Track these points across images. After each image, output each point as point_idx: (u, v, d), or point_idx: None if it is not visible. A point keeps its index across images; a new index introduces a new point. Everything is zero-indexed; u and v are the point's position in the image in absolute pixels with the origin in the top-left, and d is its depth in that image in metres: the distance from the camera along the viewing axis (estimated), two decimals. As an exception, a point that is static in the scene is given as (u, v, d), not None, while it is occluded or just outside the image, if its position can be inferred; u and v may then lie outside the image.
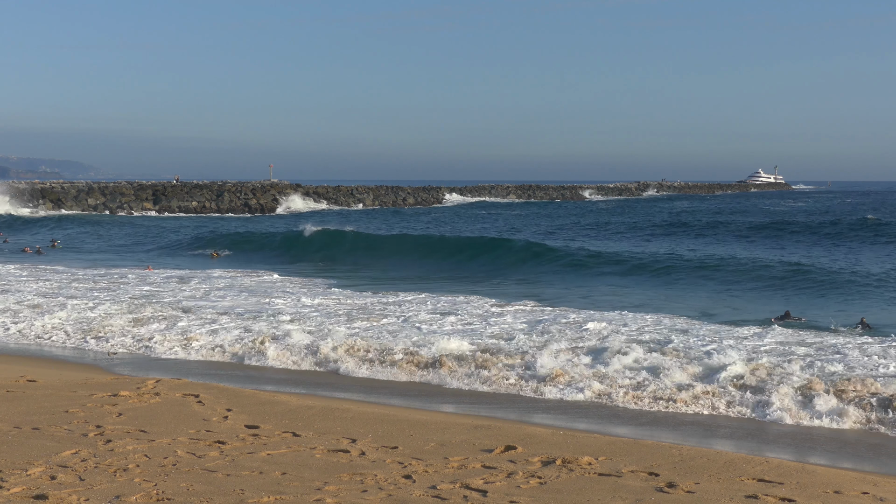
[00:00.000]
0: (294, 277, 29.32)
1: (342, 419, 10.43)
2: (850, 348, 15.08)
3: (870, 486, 8.23)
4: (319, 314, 19.66)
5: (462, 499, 7.41)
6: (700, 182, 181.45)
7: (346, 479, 7.89)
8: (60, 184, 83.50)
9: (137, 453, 8.57)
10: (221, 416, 10.37)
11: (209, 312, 19.92)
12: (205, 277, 28.24)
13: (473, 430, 10.01)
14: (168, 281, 27.11)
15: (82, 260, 36.35)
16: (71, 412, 10.39)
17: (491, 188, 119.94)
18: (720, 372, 13.26)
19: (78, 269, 31.13)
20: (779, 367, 13.44)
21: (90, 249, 43.26)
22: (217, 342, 16.76)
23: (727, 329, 17.53)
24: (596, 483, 7.96)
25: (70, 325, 18.68)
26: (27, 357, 16.02)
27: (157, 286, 25.56)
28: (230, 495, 7.35)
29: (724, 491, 7.80)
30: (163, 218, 70.29)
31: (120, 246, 45.52)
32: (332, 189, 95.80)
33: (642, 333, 16.61)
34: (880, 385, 12.34)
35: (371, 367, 15.04)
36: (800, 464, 9.05)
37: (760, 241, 43.50)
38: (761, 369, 13.30)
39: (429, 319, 18.84)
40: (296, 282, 27.86)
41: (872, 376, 12.78)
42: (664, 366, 13.79)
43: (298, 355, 15.84)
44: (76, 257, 38.01)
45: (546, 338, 16.24)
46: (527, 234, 50.48)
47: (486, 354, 14.97)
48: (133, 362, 15.76)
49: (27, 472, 7.81)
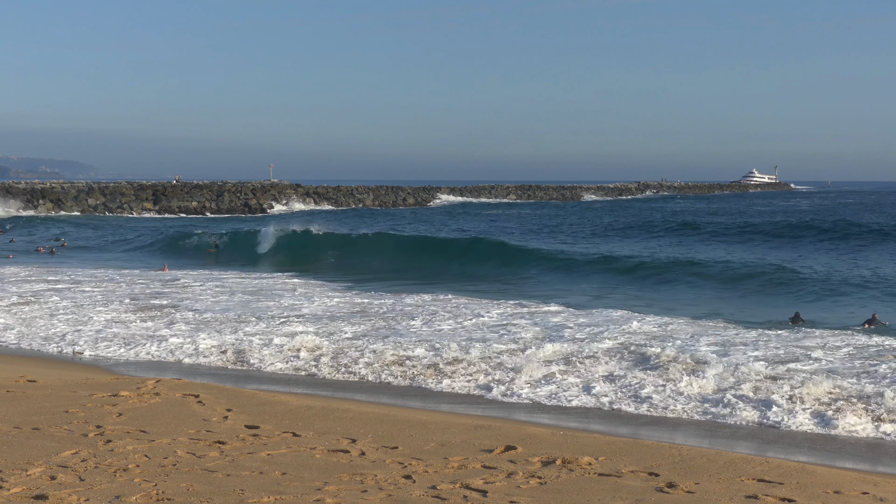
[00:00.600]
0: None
1: (342, 419, 10.44)
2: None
3: (870, 486, 8.23)
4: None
5: (462, 499, 7.41)
6: (700, 182, 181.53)
7: (346, 480, 7.89)
8: (60, 184, 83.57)
9: (137, 453, 8.57)
10: (221, 417, 10.37)
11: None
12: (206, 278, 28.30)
13: (473, 430, 10.02)
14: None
15: (96, 260, 36.75)
16: (71, 412, 10.40)
17: (491, 188, 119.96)
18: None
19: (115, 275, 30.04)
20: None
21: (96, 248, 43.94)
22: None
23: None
24: (596, 483, 7.96)
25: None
26: (27, 357, 16.02)
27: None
28: (230, 495, 7.35)
29: (724, 491, 7.80)
30: (155, 219, 70.30)
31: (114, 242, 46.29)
32: (333, 189, 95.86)
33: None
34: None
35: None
36: (800, 464, 9.05)
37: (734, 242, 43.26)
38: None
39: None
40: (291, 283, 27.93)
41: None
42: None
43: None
44: (88, 257, 38.74)
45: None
46: (497, 233, 50.45)
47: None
48: (138, 363, 15.77)
49: (27, 473, 7.81)
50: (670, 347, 15.14)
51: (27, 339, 17.76)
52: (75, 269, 31.34)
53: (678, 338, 16.52)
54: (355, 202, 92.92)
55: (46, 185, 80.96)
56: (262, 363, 15.60)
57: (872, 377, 13.01)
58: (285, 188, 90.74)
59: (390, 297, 23.57)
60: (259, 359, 15.78)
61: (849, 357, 14.61)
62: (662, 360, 14.25)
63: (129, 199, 77.12)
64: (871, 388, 12.38)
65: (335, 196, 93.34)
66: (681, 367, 13.78)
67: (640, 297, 24.57)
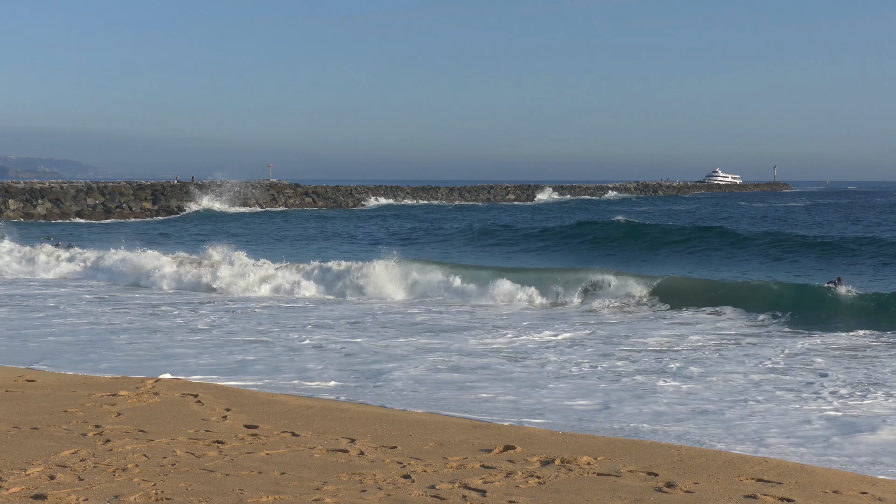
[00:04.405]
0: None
1: (341, 419, 10.44)
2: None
3: (868, 486, 8.23)
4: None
5: (461, 498, 7.41)
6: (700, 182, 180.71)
7: (345, 479, 7.89)
8: (59, 184, 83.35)
9: (136, 453, 8.57)
10: (220, 416, 10.37)
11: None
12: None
13: (472, 429, 10.02)
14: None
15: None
16: (70, 412, 10.39)
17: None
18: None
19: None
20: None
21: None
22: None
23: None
24: (595, 483, 7.96)
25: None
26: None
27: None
28: (229, 495, 7.35)
29: (722, 491, 7.80)
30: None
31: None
32: (332, 189, 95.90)
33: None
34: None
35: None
36: (799, 464, 9.05)
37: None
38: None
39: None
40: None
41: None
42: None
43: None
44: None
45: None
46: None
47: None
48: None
49: (26, 472, 7.81)
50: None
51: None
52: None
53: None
54: (356, 202, 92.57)
55: (45, 184, 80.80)
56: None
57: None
58: (284, 188, 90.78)
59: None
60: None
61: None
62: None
63: (128, 199, 77.00)
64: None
65: (334, 196, 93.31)
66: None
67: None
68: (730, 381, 13.96)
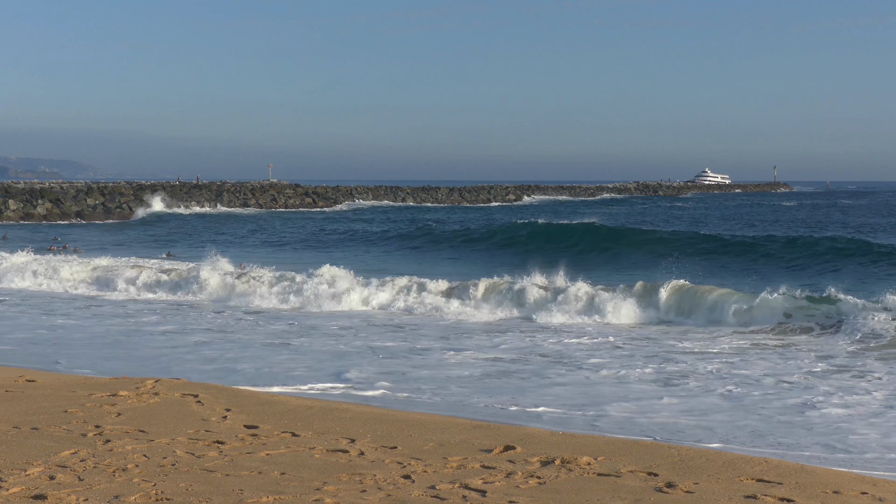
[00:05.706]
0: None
1: (341, 419, 10.44)
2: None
3: (868, 486, 8.23)
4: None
5: (461, 499, 7.41)
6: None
7: (345, 479, 7.89)
8: (59, 184, 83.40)
9: (136, 453, 8.57)
10: (220, 416, 10.37)
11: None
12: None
13: (472, 429, 10.02)
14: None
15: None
16: (70, 412, 10.39)
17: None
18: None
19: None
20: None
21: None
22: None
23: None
24: (595, 483, 7.96)
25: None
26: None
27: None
28: (229, 495, 7.35)
29: (723, 491, 7.80)
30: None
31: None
32: (332, 189, 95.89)
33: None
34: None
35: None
36: (799, 464, 9.05)
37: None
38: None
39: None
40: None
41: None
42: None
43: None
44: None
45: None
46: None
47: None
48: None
49: (26, 472, 7.81)
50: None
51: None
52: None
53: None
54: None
55: (45, 184, 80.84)
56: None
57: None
58: (284, 188, 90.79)
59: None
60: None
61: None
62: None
63: (128, 199, 77.02)
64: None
65: (334, 196, 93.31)
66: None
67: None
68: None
